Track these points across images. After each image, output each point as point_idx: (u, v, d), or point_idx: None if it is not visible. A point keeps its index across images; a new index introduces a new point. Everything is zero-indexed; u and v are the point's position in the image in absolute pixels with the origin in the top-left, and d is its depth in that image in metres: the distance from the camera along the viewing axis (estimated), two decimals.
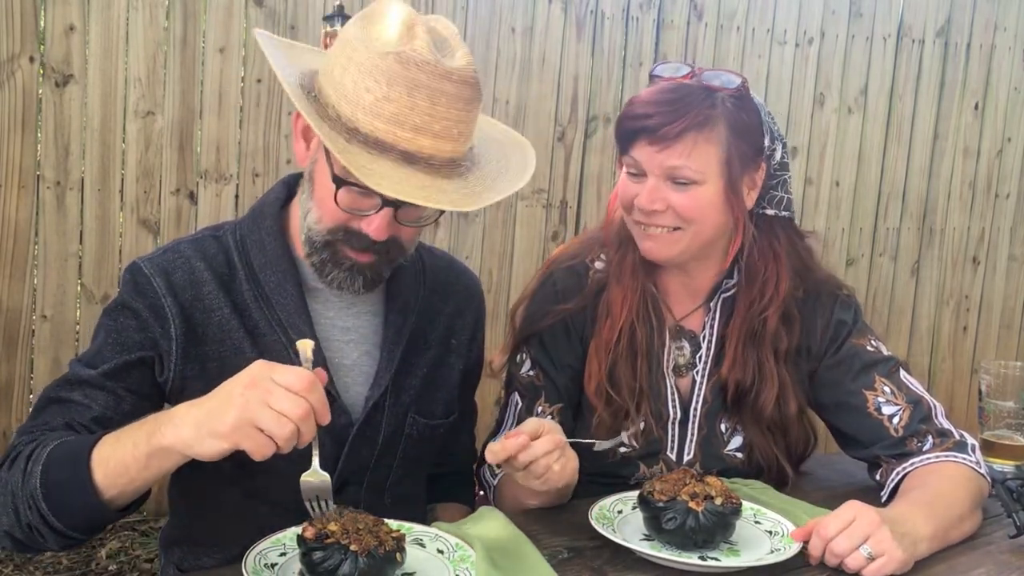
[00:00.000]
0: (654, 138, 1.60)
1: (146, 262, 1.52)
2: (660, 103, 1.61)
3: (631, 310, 1.72)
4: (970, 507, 1.57)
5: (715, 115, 1.61)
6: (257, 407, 1.19)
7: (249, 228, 1.57)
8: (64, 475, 1.29)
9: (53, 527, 1.31)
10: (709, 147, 1.60)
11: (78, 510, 1.31)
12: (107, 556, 3.16)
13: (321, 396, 1.22)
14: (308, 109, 1.37)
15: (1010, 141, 4.39)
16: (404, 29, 1.35)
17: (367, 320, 1.61)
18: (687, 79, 1.65)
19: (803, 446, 1.84)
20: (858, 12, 4.04)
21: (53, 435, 1.37)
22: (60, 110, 2.98)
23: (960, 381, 4.49)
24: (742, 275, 1.75)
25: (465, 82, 1.36)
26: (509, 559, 1.37)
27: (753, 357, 1.72)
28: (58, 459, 1.31)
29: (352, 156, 1.33)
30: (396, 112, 1.33)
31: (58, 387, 1.46)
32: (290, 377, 1.21)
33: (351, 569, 1.21)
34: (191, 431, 1.22)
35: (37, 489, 1.30)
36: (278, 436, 1.19)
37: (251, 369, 1.23)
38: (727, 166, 1.62)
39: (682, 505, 1.42)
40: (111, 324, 1.49)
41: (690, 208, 1.62)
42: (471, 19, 3.44)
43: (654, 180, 1.62)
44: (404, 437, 1.63)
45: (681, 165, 1.60)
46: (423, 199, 1.33)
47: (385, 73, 1.33)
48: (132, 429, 1.30)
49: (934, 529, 1.47)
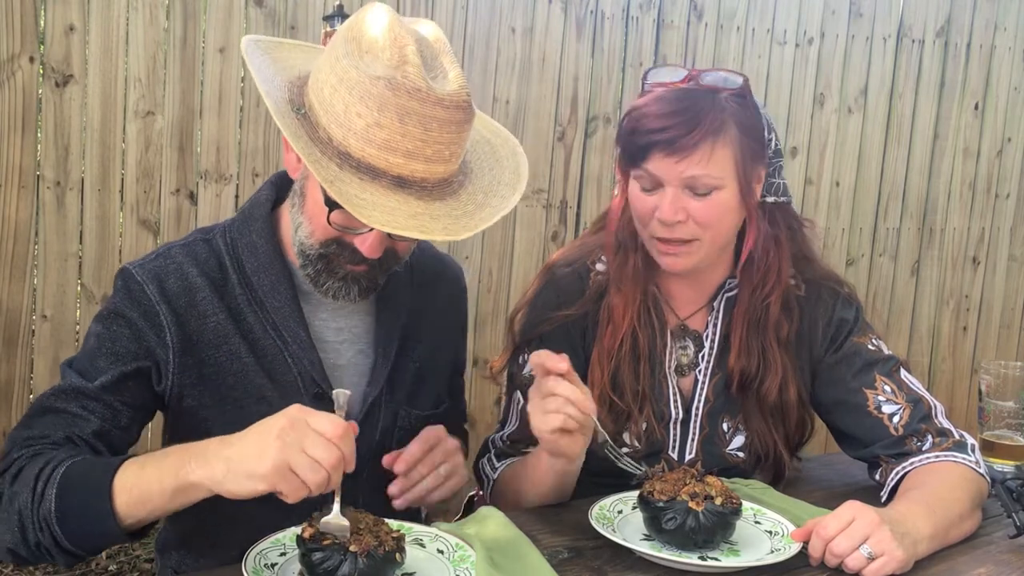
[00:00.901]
0: (672, 150, 1.57)
1: (138, 268, 1.51)
2: (672, 114, 1.58)
3: (633, 316, 1.72)
4: (969, 507, 1.57)
5: (726, 118, 1.60)
6: (293, 451, 1.20)
7: (240, 231, 1.56)
8: (83, 501, 1.29)
9: (65, 549, 1.31)
10: (725, 151, 1.59)
11: (94, 535, 1.31)
12: (107, 556, 3.16)
13: (352, 446, 1.24)
14: (298, 132, 1.34)
15: (1010, 141, 4.39)
16: (394, 50, 1.31)
17: (360, 320, 1.62)
18: (686, 83, 1.63)
19: (801, 432, 1.84)
20: (858, 12, 4.04)
21: (60, 452, 1.36)
22: (60, 110, 2.98)
23: (960, 381, 4.49)
24: (744, 265, 1.75)
25: (457, 107, 1.33)
26: (509, 559, 1.37)
27: (757, 344, 1.73)
28: (75, 483, 1.30)
29: (342, 186, 1.30)
30: (388, 138, 1.31)
31: (54, 396, 1.44)
32: (325, 424, 1.22)
33: (350, 569, 1.21)
34: (222, 469, 1.23)
35: (52, 513, 1.29)
36: (310, 481, 1.20)
37: (289, 412, 1.23)
38: (741, 167, 1.62)
39: (682, 505, 1.42)
40: (104, 332, 1.48)
41: (710, 215, 1.61)
42: (471, 19, 3.43)
43: (673, 191, 1.60)
44: (398, 431, 1.63)
45: (701, 174, 1.58)
46: (416, 229, 1.31)
47: (376, 99, 1.30)
48: (156, 459, 1.30)
49: (934, 529, 1.47)
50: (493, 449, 1.79)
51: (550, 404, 1.44)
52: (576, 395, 1.43)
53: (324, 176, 1.30)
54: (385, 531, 1.27)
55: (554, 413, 1.43)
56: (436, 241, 1.40)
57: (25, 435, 1.41)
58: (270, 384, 1.52)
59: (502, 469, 1.73)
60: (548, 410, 1.44)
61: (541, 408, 1.45)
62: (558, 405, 1.43)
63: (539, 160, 3.58)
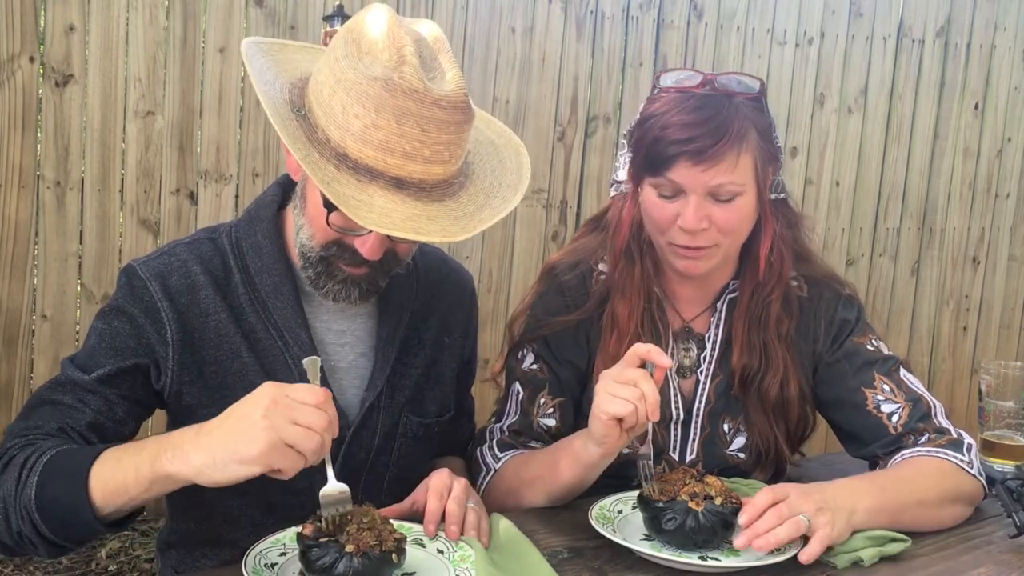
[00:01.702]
0: (700, 159, 1.56)
1: (142, 265, 1.51)
2: (696, 124, 1.56)
3: (637, 324, 1.72)
4: (936, 497, 1.56)
5: (747, 124, 1.59)
6: (284, 425, 1.19)
7: (245, 231, 1.56)
8: (60, 490, 1.28)
9: (46, 538, 1.31)
10: (747, 157, 1.59)
11: (72, 524, 1.30)
12: (107, 556, 3.16)
13: (333, 409, 1.24)
14: (296, 133, 1.34)
15: (1010, 141, 4.40)
16: (392, 51, 1.31)
17: (362, 322, 1.61)
18: (702, 88, 1.61)
19: (802, 428, 1.84)
20: (858, 12, 4.04)
21: (48, 442, 1.36)
22: (60, 110, 2.98)
23: (960, 381, 4.49)
24: (747, 264, 1.74)
25: (455, 107, 1.32)
26: (509, 559, 1.37)
27: (759, 341, 1.73)
28: (55, 472, 1.30)
29: (339, 187, 1.30)
30: (385, 139, 1.31)
31: (51, 388, 1.45)
32: (305, 393, 1.22)
33: (345, 568, 1.21)
34: (205, 459, 1.21)
35: (32, 501, 1.29)
36: (306, 449, 1.20)
37: (264, 390, 1.23)
38: (759, 171, 1.62)
39: (682, 505, 1.42)
40: (105, 327, 1.48)
41: (731, 221, 1.61)
42: (471, 19, 3.44)
43: (696, 198, 1.59)
44: (399, 437, 1.63)
45: (727, 182, 1.57)
46: (412, 231, 1.30)
47: (373, 100, 1.30)
48: (133, 449, 1.29)
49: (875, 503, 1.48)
50: (493, 439, 1.77)
51: (624, 391, 1.42)
52: (652, 396, 1.42)
53: (320, 177, 1.30)
54: (388, 531, 1.27)
55: (623, 400, 1.42)
56: (435, 242, 1.40)
57: (21, 426, 1.41)
58: None
59: (505, 460, 1.71)
60: (619, 395, 1.42)
61: (611, 391, 1.43)
62: (632, 396, 1.42)
63: (539, 160, 3.58)
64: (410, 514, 1.46)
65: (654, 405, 1.42)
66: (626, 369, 1.45)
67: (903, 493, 1.53)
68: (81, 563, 3.12)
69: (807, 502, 1.43)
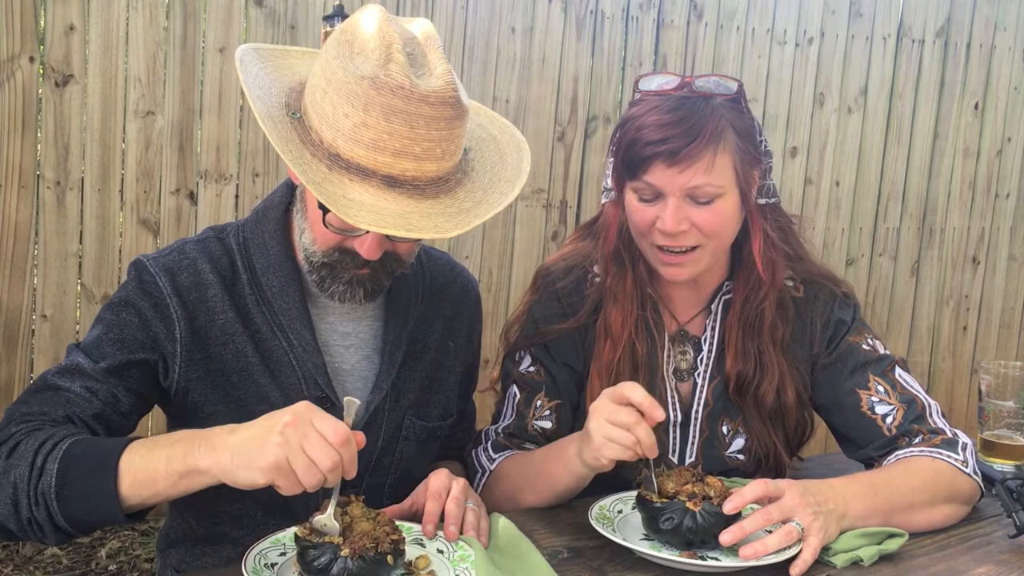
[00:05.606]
0: (673, 160, 1.56)
1: (151, 260, 1.51)
2: (671, 124, 1.57)
3: (631, 330, 1.71)
4: (927, 498, 1.56)
5: (724, 124, 1.59)
6: (294, 448, 1.19)
7: (252, 231, 1.57)
8: (86, 478, 1.28)
9: (58, 526, 1.30)
10: (725, 158, 1.59)
11: (95, 515, 1.30)
12: (107, 556, 3.17)
13: (353, 453, 1.23)
14: (289, 136, 1.34)
15: (1010, 141, 4.40)
16: (381, 49, 1.31)
17: (367, 325, 1.61)
18: (680, 90, 1.62)
19: (801, 432, 1.84)
20: (858, 12, 4.04)
21: (61, 429, 1.35)
22: (60, 110, 2.98)
23: (960, 381, 4.49)
24: (739, 269, 1.74)
25: (444, 103, 1.32)
26: (509, 559, 1.37)
27: (754, 348, 1.73)
28: (79, 459, 1.29)
29: (329, 187, 1.30)
30: (375, 138, 1.30)
31: (57, 374, 1.43)
32: (328, 427, 1.21)
33: (340, 569, 1.22)
34: (228, 458, 1.22)
35: (52, 488, 1.28)
36: (305, 482, 1.20)
37: (296, 408, 1.23)
38: (740, 172, 1.61)
39: (679, 505, 1.42)
40: (113, 319, 1.48)
41: (713, 223, 1.61)
42: (471, 19, 3.44)
43: (675, 201, 1.59)
44: (401, 440, 1.63)
45: (704, 183, 1.57)
46: (403, 228, 1.30)
47: (361, 99, 1.30)
48: (165, 443, 1.29)
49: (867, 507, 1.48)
50: (488, 440, 1.77)
51: (621, 437, 1.43)
52: (648, 441, 1.43)
53: (310, 178, 1.30)
54: (386, 533, 1.27)
55: (620, 446, 1.43)
56: (433, 240, 1.39)
57: (23, 411, 1.40)
58: (273, 385, 1.52)
59: (500, 461, 1.72)
60: (615, 440, 1.43)
61: (608, 432, 1.44)
62: (629, 442, 1.43)
63: (539, 160, 3.58)
64: (409, 514, 1.46)
65: (650, 447, 1.43)
66: (619, 411, 1.44)
67: (894, 495, 1.53)
68: (81, 563, 3.12)
69: (802, 508, 1.41)
